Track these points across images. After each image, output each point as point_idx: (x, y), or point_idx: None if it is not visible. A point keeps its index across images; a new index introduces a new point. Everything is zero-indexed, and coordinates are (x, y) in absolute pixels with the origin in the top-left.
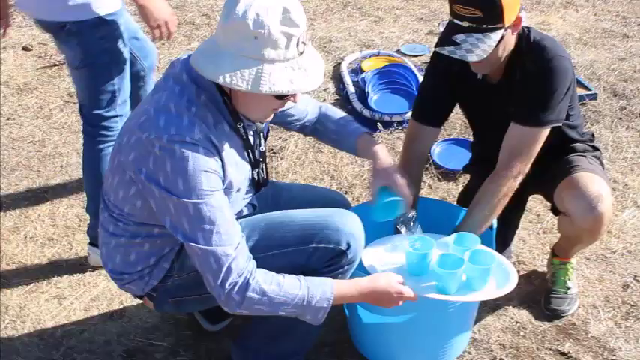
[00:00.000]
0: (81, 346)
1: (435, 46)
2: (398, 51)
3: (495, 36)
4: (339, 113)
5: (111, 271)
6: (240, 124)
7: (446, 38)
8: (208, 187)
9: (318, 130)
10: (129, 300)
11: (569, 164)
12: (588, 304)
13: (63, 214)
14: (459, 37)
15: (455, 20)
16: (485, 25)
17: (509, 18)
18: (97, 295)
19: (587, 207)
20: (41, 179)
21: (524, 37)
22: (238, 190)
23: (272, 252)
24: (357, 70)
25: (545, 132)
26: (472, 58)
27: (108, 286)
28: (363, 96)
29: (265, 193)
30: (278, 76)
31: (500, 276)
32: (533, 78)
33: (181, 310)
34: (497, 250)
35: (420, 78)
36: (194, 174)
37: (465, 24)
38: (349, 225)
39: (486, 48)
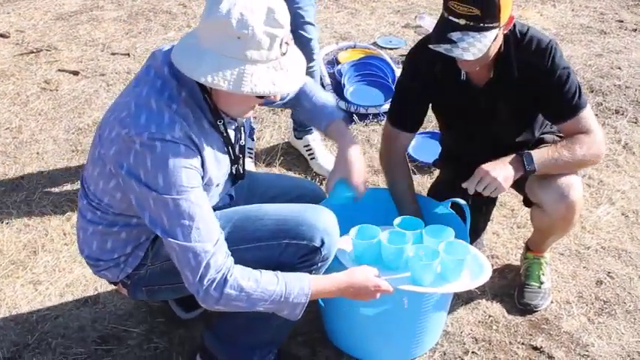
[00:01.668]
0: (55, 331)
1: (429, 43)
2: (374, 43)
3: (491, 35)
4: (316, 91)
5: (87, 257)
6: (220, 121)
7: (440, 35)
8: (188, 183)
9: (293, 105)
10: (103, 287)
11: None
12: (562, 299)
13: (38, 201)
14: (455, 35)
15: (451, 17)
16: (482, 24)
17: (504, 17)
18: (72, 281)
19: (559, 196)
20: (17, 166)
21: (511, 33)
22: (217, 185)
23: (245, 245)
24: (333, 62)
25: (589, 108)
26: (468, 56)
27: (83, 272)
28: (338, 88)
29: (241, 183)
30: (260, 77)
31: (474, 268)
32: (549, 72)
33: (155, 298)
34: (469, 241)
35: (397, 70)
36: (174, 170)
37: (462, 22)
38: (323, 221)
39: (482, 47)
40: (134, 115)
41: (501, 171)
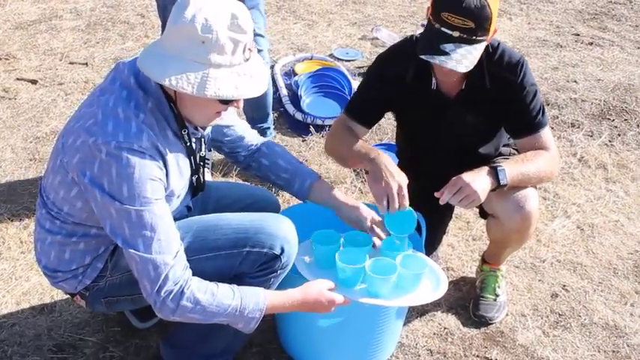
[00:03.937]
0: (12, 339)
1: (420, 53)
2: (331, 55)
3: (481, 47)
4: (287, 151)
5: (44, 267)
6: (184, 131)
7: (432, 46)
8: (152, 195)
9: (262, 164)
10: (60, 295)
11: None
12: (517, 312)
13: None
14: (448, 47)
15: (443, 29)
16: (474, 37)
17: (492, 30)
18: (28, 289)
19: (515, 206)
20: None
21: None
22: (178, 197)
23: (205, 255)
24: (290, 73)
25: (549, 127)
26: (461, 69)
27: (39, 280)
28: (295, 99)
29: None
30: (223, 81)
31: (431, 281)
32: (518, 87)
33: (113, 309)
34: (425, 253)
35: (353, 82)
36: (139, 181)
37: (456, 34)
38: (283, 229)
39: (473, 59)
40: (101, 124)
41: (481, 183)
